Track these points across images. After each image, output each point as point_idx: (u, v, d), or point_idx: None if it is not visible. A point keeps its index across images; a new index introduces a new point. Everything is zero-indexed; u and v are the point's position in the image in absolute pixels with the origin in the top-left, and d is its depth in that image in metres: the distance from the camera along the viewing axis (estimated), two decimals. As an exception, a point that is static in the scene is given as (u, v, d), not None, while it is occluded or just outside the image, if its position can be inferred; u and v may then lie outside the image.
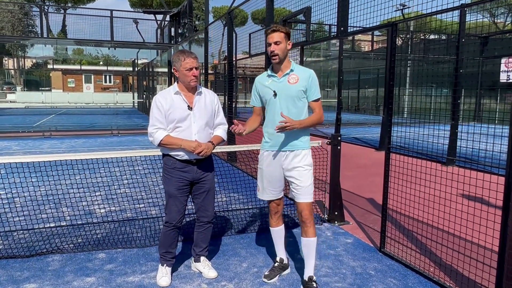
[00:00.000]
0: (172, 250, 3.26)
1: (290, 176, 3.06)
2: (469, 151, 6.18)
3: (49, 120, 20.09)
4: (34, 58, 48.07)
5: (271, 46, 2.98)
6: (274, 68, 3.12)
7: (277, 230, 3.33)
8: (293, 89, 3.03)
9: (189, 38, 14.54)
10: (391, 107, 3.85)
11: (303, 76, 3.05)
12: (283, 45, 3.00)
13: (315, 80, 3.08)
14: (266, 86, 3.12)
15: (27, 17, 40.33)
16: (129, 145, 11.37)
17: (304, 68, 3.15)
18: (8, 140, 12.24)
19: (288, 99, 3.02)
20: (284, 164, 3.07)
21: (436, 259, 3.62)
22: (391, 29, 3.89)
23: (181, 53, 3.08)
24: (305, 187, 3.02)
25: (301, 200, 3.04)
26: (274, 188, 3.18)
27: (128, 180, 6.48)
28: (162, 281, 3.17)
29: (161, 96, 3.11)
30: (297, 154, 3.05)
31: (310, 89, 3.05)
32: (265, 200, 3.32)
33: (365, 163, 8.82)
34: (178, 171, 3.13)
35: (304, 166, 3.04)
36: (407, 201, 3.77)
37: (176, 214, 3.15)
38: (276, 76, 3.09)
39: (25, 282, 3.18)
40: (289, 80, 3.04)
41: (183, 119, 3.07)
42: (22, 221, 4.43)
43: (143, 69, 27.53)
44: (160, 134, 3.05)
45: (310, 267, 3.10)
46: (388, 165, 3.81)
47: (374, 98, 26.94)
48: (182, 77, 3.07)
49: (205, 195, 3.27)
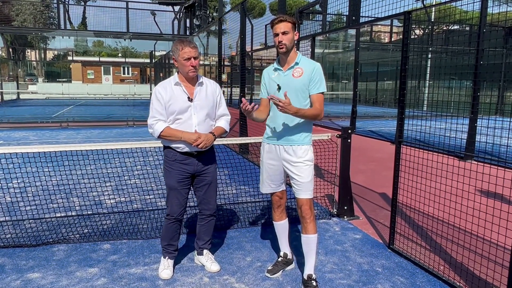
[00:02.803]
0: (174, 243, 3.23)
1: (291, 171, 2.99)
2: (489, 146, 5.96)
3: (68, 111, 20.42)
4: (55, 50, 48.94)
5: (279, 36, 2.89)
6: (281, 60, 3.03)
7: (280, 224, 3.27)
8: (297, 83, 2.93)
9: (203, 29, 14.49)
10: (403, 99, 3.72)
11: (308, 69, 2.95)
12: (291, 35, 2.90)
13: (318, 73, 2.95)
14: (272, 79, 3.06)
15: (48, 9, 41.03)
16: (144, 136, 11.44)
17: (310, 60, 3.05)
18: (27, 130, 12.49)
19: (292, 93, 2.91)
20: (284, 158, 3.00)
21: (446, 257, 3.49)
22: (405, 18, 3.74)
23: (179, 42, 3.01)
24: (305, 183, 2.94)
25: (301, 196, 2.97)
26: (273, 181, 3.11)
27: (139, 171, 6.52)
28: (164, 273, 3.15)
29: (161, 87, 3.05)
30: (298, 149, 2.96)
31: (312, 82, 2.94)
32: (262, 193, 3.26)
33: (380, 157, 8.64)
34: (178, 163, 3.08)
35: (304, 161, 2.95)
36: (419, 197, 3.64)
37: (177, 207, 3.11)
38: (281, 70, 3.01)
39: (29, 271, 3.21)
40: (294, 73, 2.95)
41: (183, 110, 3.01)
42: (33, 210, 4.48)
43: (160, 61, 27.69)
44: (160, 125, 3.00)
45: (310, 265, 3.01)
46: (398, 159, 3.68)
47: (392, 91, 26.42)
48: (181, 67, 3.01)
49: (206, 188, 3.22)
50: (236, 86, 13.54)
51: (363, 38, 23.57)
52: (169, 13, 20.63)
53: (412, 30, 16.45)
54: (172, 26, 20.30)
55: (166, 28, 20.30)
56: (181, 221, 3.22)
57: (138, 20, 18.44)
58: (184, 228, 4.13)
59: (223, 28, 10.39)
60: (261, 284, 3.08)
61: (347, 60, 28.45)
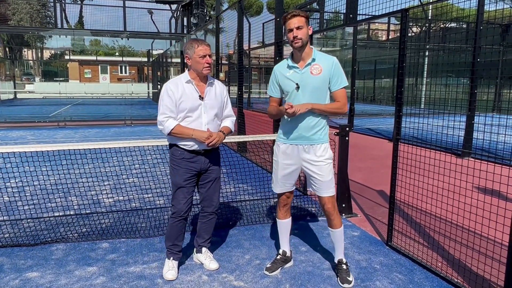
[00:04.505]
0: (179, 243, 3.22)
1: (311, 171, 2.98)
2: (486, 143, 5.99)
3: (65, 110, 20.37)
4: (52, 49, 48.74)
5: (293, 32, 2.82)
6: (295, 57, 2.95)
7: (284, 222, 3.28)
8: (317, 80, 2.87)
9: (201, 28, 14.46)
10: (401, 97, 3.73)
11: (326, 66, 2.88)
12: (305, 30, 2.84)
13: (337, 68, 2.89)
14: (287, 77, 2.97)
15: (45, 8, 40.83)
16: (141, 135, 11.43)
17: (326, 55, 2.96)
18: (24, 130, 12.46)
19: (312, 92, 2.87)
20: (304, 158, 2.98)
21: (444, 253, 3.51)
22: (402, 15, 3.75)
23: (194, 40, 3.03)
24: (326, 182, 2.96)
25: (323, 194, 3.00)
26: (288, 181, 3.11)
27: (137, 170, 6.51)
28: (169, 274, 3.13)
29: (172, 84, 3.03)
30: (317, 149, 2.94)
31: (333, 78, 2.87)
32: (275, 192, 3.27)
33: (378, 155, 8.66)
34: (186, 161, 3.08)
35: (324, 160, 2.94)
36: (417, 194, 3.65)
37: (184, 205, 3.11)
38: (297, 67, 2.93)
39: (28, 271, 3.21)
40: (312, 71, 2.88)
41: (194, 108, 3.01)
42: (31, 210, 4.47)
43: (158, 60, 27.63)
44: (171, 123, 2.99)
45: (339, 252, 3.16)
46: (396, 157, 3.69)
47: (390, 89, 26.46)
48: (195, 65, 3.00)
49: (210, 185, 3.23)
50: (234, 84, 13.53)
51: (361, 36, 23.56)
52: (166, 11, 20.56)
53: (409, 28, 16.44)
54: (170, 25, 20.24)
55: (163, 27, 20.24)
56: (186, 219, 3.21)
57: (135, 19, 18.38)
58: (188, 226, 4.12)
59: (220, 27, 10.38)
60: (259, 282, 3.09)
61: (344, 58, 28.42)
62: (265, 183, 5.40)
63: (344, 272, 3.10)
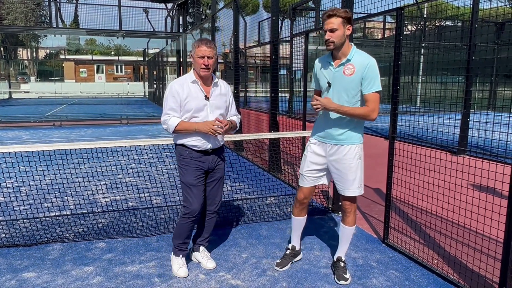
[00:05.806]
0: (188, 240, 3.24)
1: (336, 168, 2.99)
2: (481, 140, 6.02)
3: (61, 110, 20.28)
4: (47, 49, 48.50)
5: (326, 34, 2.79)
6: (334, 53, 2.92)
7: (299, 219, 3.29)
8: (348, 81, 2.84)
9: (197, 27, 14.43)
10: (396, 95, 3.74)
11: (360, 67, 2.80)
12: (340, 32, 2.77)
13: (372, 71, 2.80)
14: (322, 73, 2.99)
15: (39, 8, 40.62)
16: (137, 135, 11.40)
17: (364, 56, 2.86)
18: (20, 130, 12.39)
19: (341, 91, 2.85)
20: (330, 156, 3.00)
21: (440, 251, 3.53)
22: (398, 14, 3.76)
23: (199, 40, 3.05)
24: (349, 181, 2.96)
25: (345, 193, 3.03)
26: (314, 175, 3.10)
27: (133, 169, 6.50)
28: (181, 271, 3.13)
29: (178, 85, 3.02)
30: (344, 149, 2.93)
31: (365, 80, 2.80)
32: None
33: (374, 153, 8.68)
34: (195, 160, 3.08)
35: (349, 160, 2.93)
36: (413, 192, 3.67)
37: (197, 205, 3.10)
38: (332, 65, 2.92)
39: (24, 271, 3.20)
40: (345, 71, 2.85)
41: (200, 109, 3.02)
42: (27, 210, 4.46)
43: (153, 59, 27.55)
44: (174, 120, 2.99)
45: (341, 250, 3.20)
46: (392, 155, 3.71)
47: (385, 87, 26.51)
48: (194, 65, 3.03)
49: (214, 184, 3.25)
50: (230, 83, 13.59)
51: (356, 35, 23.62)
52: (162, 10, 20.50)
53: (405, 26, 16.48)
54: (165, 24, 20.18)
55: (159, 26, 20.19)
56: (198, 219, 3.22)
57: (130, 18, 18.31)
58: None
59: (216, 26, 10.36)
60: (256, 280, 3.09)
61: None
62: (262, 181, 5.41)
63: (341, 270, 3.12)
